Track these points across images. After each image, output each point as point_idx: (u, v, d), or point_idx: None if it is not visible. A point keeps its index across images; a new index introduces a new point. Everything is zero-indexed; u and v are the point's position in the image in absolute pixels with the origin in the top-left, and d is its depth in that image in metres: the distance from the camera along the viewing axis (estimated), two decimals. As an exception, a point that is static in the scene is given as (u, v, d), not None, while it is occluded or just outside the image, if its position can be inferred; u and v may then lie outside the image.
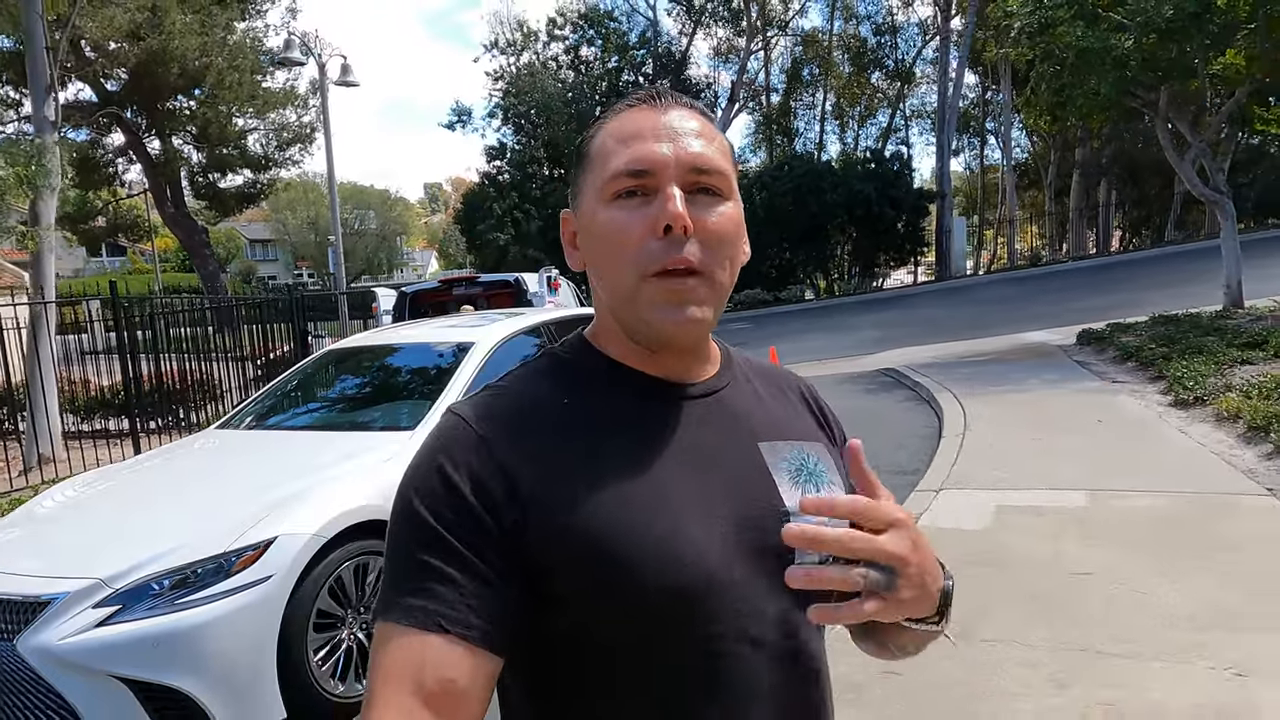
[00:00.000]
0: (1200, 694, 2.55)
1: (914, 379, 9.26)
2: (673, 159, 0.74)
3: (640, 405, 0.79)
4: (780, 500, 0.78)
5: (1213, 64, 10.07)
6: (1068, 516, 4.29)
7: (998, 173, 32.66)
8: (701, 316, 0.75)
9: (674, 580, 0.70)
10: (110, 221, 29.25)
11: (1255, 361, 7.12)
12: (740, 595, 0.73)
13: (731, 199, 0.78)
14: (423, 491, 0.72)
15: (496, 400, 0.78)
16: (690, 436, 0.78)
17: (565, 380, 0.80)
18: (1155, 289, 14.67)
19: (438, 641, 0.66)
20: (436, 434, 0.76)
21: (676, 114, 0.78)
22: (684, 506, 0.73)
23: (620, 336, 0.81)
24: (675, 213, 0.72)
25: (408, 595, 0.68)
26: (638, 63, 26.81)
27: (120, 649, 2.67)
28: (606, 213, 0.76)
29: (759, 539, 0.75)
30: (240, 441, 4.15)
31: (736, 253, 0.79)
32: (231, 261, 50.89)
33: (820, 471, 0.82)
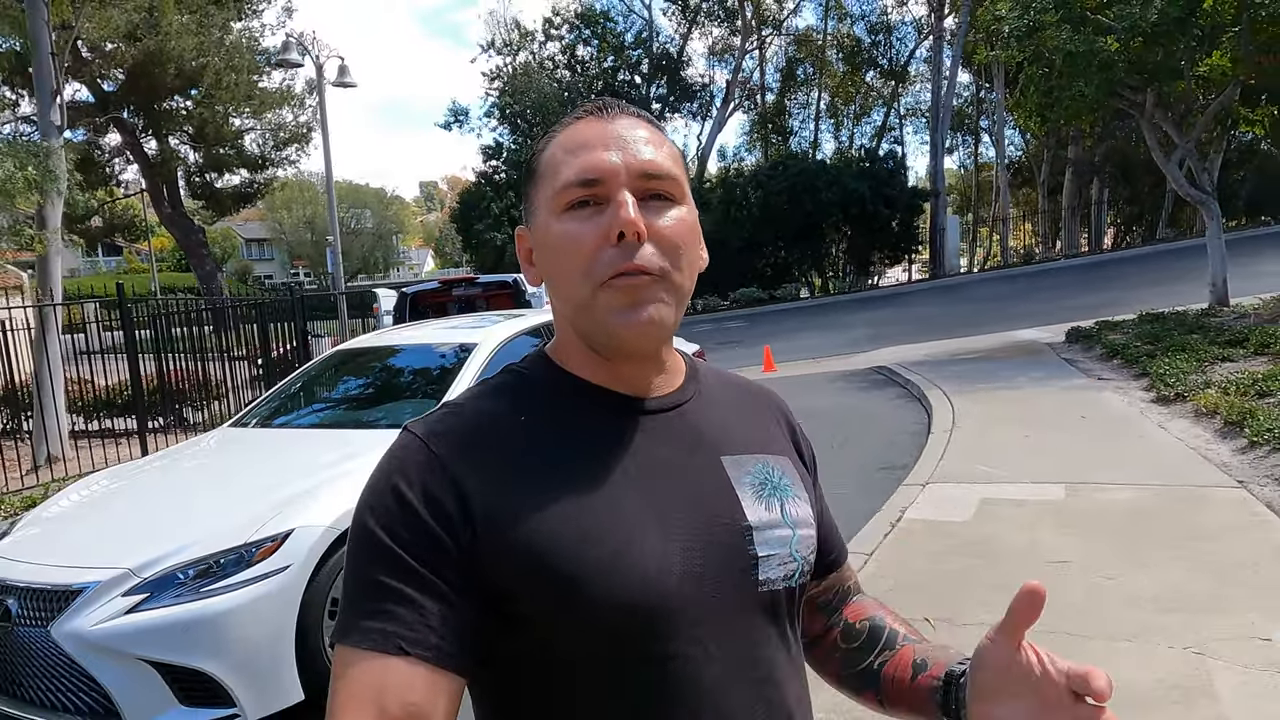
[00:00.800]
0: (1162, 673, 2.73)
1: (905, 377, 9.44)
2: (623, 166, 0.74)
3: (598, 420, 0.78)
4: (743, 515, 0.77)
5: (1199, 66, 10.26)
6: (1048, 508, 4.47)
7: (992, 171, 32.85)
8: (659, 316, 0.74)
9: (626, 597, 0.69)
10: (107, 221, 29.27)
11: (1235, 359, 7.31)
12: (698, 612, 0.72)
13: (684, 204, 0.78)
14: (378, 511, 0.70)
15: (452, 418, 0.77)
16: (650, 452, 0.77)
17: (523, 397, 0.79)
18: (1146, 287, 14.87)
19: (399, 664, 0.65)
20: (391, 454, 0.74)
21: (624, 122, 0.78)
22: (639, 523, 0.72)
23: (580, 350, 0.80)
24: (628, 219, 0.72)
25: (366, 618, 0.67)
26: (633, 62, 26.97)
27: (148, 634, 2.83)
28: (560, 224, 0.75)
29: (722, 555, 0.75)
30: (254, 439, 4.31)
31: (694, 257, 0.78)
32: (227, 261, 50.88)
33: (785, 485, 0.82)
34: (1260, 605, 3.12)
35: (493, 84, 26.55)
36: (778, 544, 0.78)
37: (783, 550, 0.78)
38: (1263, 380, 6.03)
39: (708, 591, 0.73)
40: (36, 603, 2.94)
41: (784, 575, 0.78)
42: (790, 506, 0.81)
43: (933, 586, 3.62)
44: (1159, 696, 2.60)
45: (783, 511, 0.80)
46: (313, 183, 46.40)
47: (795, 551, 0.79)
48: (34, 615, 2.93)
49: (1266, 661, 2.73)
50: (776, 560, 0.77)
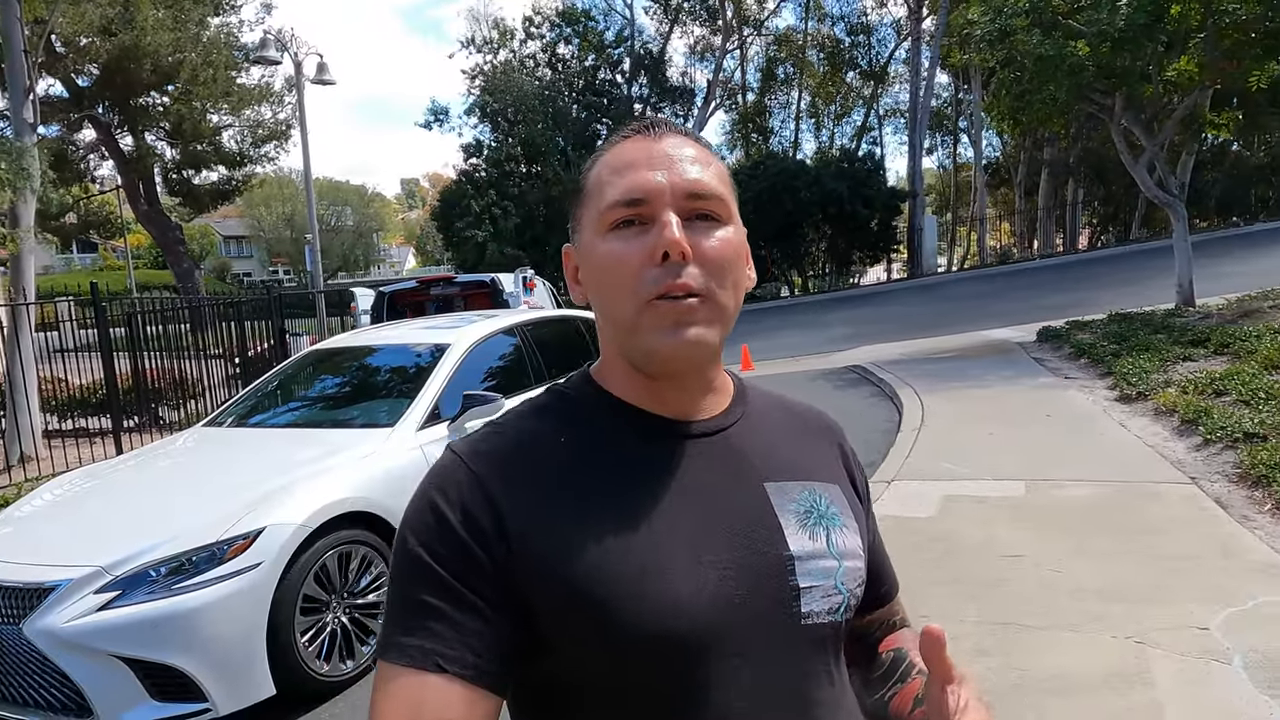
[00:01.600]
0: (1102, 661, 2.85)
1: (879, 375, 9.58)
2: (668, 186, 0.74)
3: (639, 444, 0.77)
4: (785, 544, 0.75)
5: (1166, 70, 10.48)
6: (1007, 504, 4.60)
7: (970, 171, 33.23)
8: (703, 338, 0.73)
9: (655, 622, 0.68)
10: (82, 218, 28.97)
11: (1196, 359, 7.49)
12: (736, 642, 0.71)
13: (731, 223, 0.78)
14: (417, 528, 0.71)
15: (494, 438, 0.77)
16: (690, 477, 0.76)
17: (565, 417, 0.79)
18: (1118, 286, 15.12)
19: (437, 681, 0.66)
20: (432, 473, 0.75)
21: (671, 141, 0.78)
22: (674, 551, 0.71)
23: (624, 371, 0.79)
24: (672, 239, 0.72)
25: (405, 634, 0.68)
26: (614, 61, 27.01)
27: (120, 630, 2.88)
28: (605, 244, 0.76)
29: (760, 585, 0.73)
30: (227, 438, 4.35)
31: (739, 276, 0.78)
32: (205, 258, 50.39)
33: (833, 514, 0.80)
34: (1200, 596, 3.25)
35: (473, 82, 26.53)
36: (821, 575, 0.76)
37: (827, 582, 0.76)
38: (1219, 379, 6.20)
39: (745, 620, 0.71)
40: (9, 600, 2.98)
41: (829, 608, 0.76)
42: (836, 536, 0.79)
43: (891, 580, 3.73)
44: (1099, 684, 2.71)
45: (828, 541, 0.78)
46: (292, 179, 46.06)
47: (841, 584, 0.77)
48: (6, 613, 2.97)
49: (1202, 649, 2.86)
50: (820, 592, 0.76)
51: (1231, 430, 5.09)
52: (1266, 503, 4.16)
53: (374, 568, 3.58)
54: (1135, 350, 8.02)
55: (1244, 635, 2.92)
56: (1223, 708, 2.53)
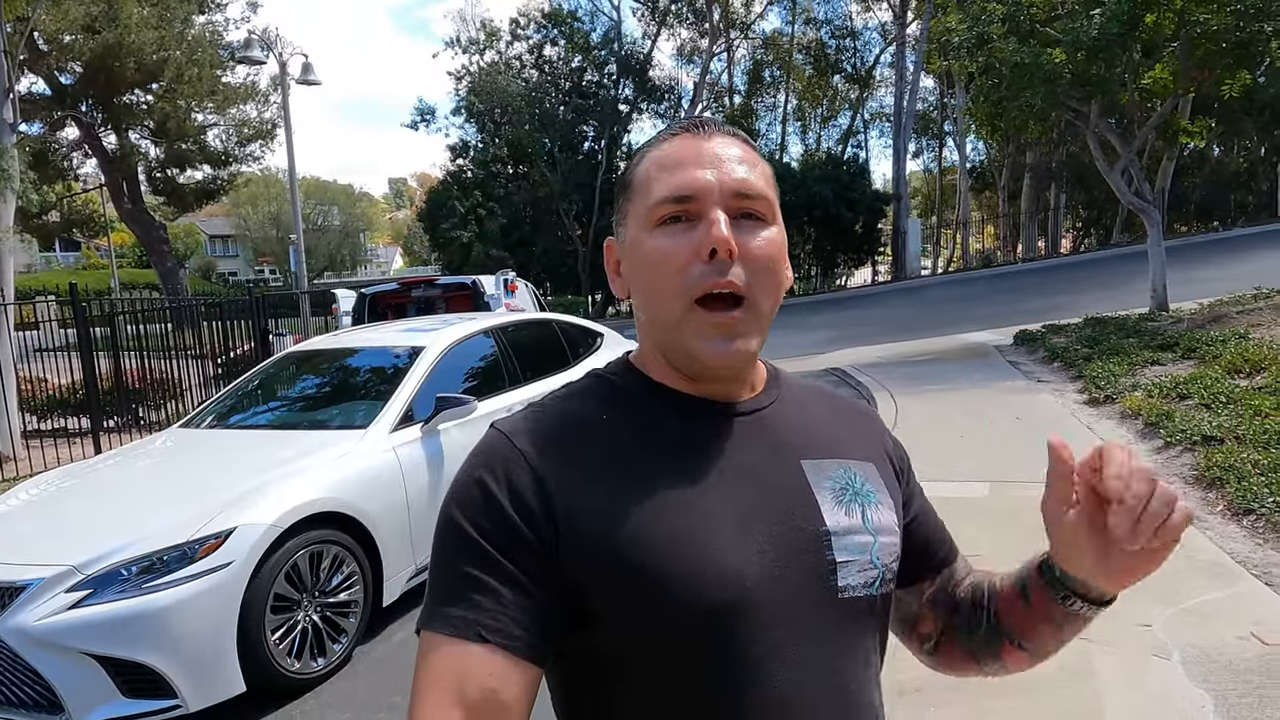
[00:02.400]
0: (1048, 655, 2.95)
1: (858, 378, 9.71)
2: (716, 185, 0.75)
3: (680, 423, 0.79)
4: (822, 519, 0.77)
5: (1142, 78, 10.66)
6: (971, 505, 4.71)
7: (955, 174, 33.51)
8: (746, 349, 0.76)
9: (706, 599, 0.70)
10: (64, 217, 28.77)
11: (1164, 363, 7.64)
12: (777, 615, 0.73)
13: (775, 224, 0.79)
14: (463, 504, 0.73)
15: (538, 416, 0.79)
16: (731, 455, 0.78)
17: (607, 399, 0.81)
18: (1096, 290, 15.32)
19: (479, 651, 0.67)
20: (477, 450, 0.77)
21: (719, 141, 0.79)
22: (719, 525, 0.73)
23: (661, 363, 0.81)
24: (720, 237, 0.73)
25: (449, 605, 0.70)
26: (601, 62, 27.08)
27: (92, 629, 2.93)
28: (651, 239, 0.77)
29: (800, 559, 0.75)
30: (201, 440, 4.40)
31: (781, 277, 0.79)
32: (190, 257, 50.12)
33: (869, 492, 0.82)
34: (1146, 595, 3.35)
35: (460, 83, 26.53)
36: (857, 550, 0.78)
37: (862, 557, 0.78)
38: (1183, 384, 6.34)
39: (785, 594, 0.73)
40: (-19, 599, 3.03)
41: (864, 582, 0.78)
42: (872, 513, 0.80)
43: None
44: (1044, 680, 2.80)
45: (864, 517, 0.79)
46: (278, 178, 45.87)
47: (876, 558, 0.79)
48: (-22, 611, 3.02)
49: (1144, 645, 2.96)
50: (856, 566, 0.77)
51: (1191, 433, 5.22)
52: (1219, 504, 4.28)
53: (345, 567, 3.64)
54: (1106, 354, 8.17)
55: (1184, 632, 3.03)
56: (1158, 699, 2.63)
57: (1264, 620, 3.06)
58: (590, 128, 27.02)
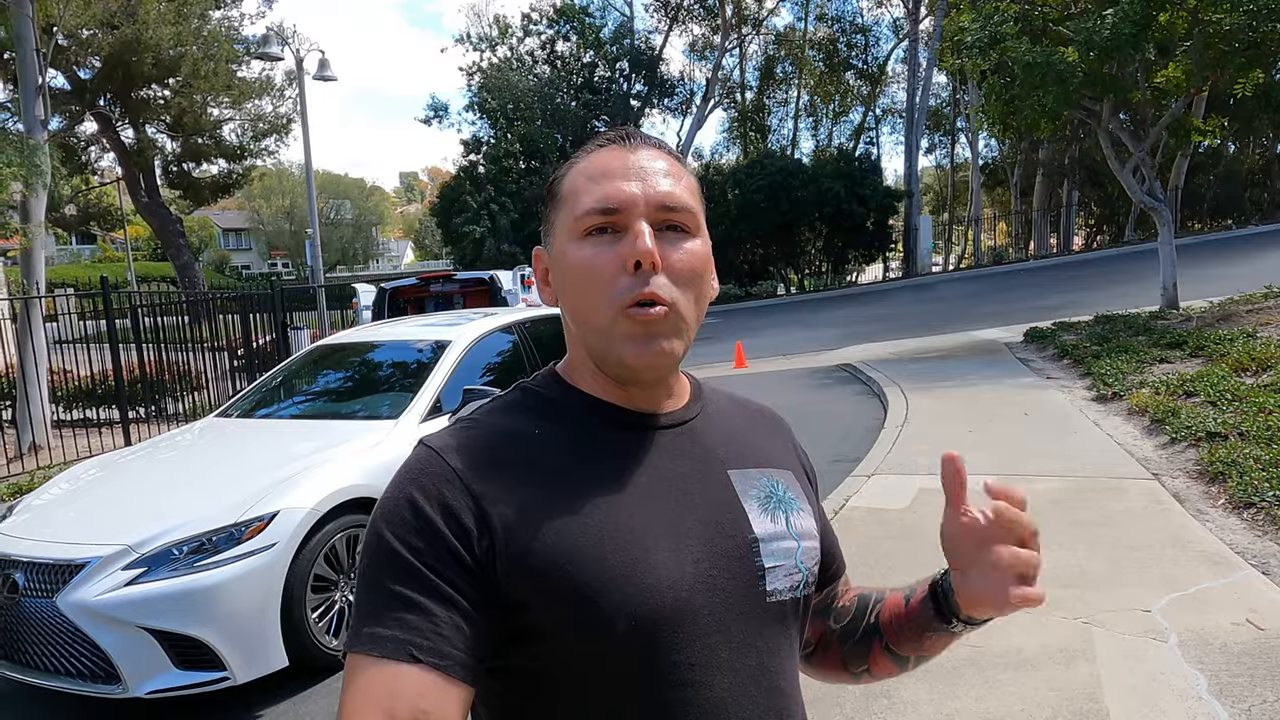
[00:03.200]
0: (1049, 639, 3.10)
1: (868, 374, 9.82)
2: (642, 197, 0.76)
3: (611, 435, 0.80)
4: (750, 527, 0.80)
5: (1154, 77, 10.72)
6: (978, 498, 4.83)
7: (968, 171, 33.48)
8: (670, 349, 0.77)
9: (641, 608, 0.71)
10: (82, 210, 29.12)
11: (1173, 360, 7.75)
12: (710, 622, 0.74)
13: (699, 236, 0.80)
14: (394, 522, 0.71)
15: (468, 432, 0.78)
16: (660, 466, 0.79)
17: (536, 412, 0.81)
18: (1108, 288, 15.37)
19: (410, 671, 0.65)
20: (407, 467, 0.75)
21: (645, 154, 0.80)
22: (652, 535, 0.74)
23: (591, 370, 0.82)
24: (645, 249, 0.74)
25: (378, 625, 0.67)
26: (612, 58, 27.17)
27: (146, 604, 3.11)
28: (578, 250, 0.78)
29: (730, 566, 0.77)
30: (239, 428, 4.58)
31: (704, 287, 0.80)
32: (205, 250, 50.55)
33: (790, 499, 0.85)
34: (1147, 582, 3.49)
35: (472, 79, 26.68)
36: (783, 555, 0.80)
37: (788, 561, 0.81)
38: (1190, 381, 6.45)
39: (719, 601, 0.75)
40: (42, 576, 3.22)
41: (790, 586, 0.80)
42: (795, 519, 0.83)
43: (862, 567, 3.97)
44: (1044, 659, 2.96)
45: (788, 524, 0.83)
46: (292, 173, 46.22)
47: (800, 562, 0.82)
48: (40, 587, 3.21)
49: (1142, 629, 3.11)
50: (783, 571, 0.80)
51: (1196, 430, 5.34)
52: (1220, 497, 4.41)
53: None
54: (1115, 352, 8.27)
55: (1182, 617, 3.17)
56: (1154, 678, 2.78)
57: (1259, 607, 3.20)
58: (602, 123, 27.13)
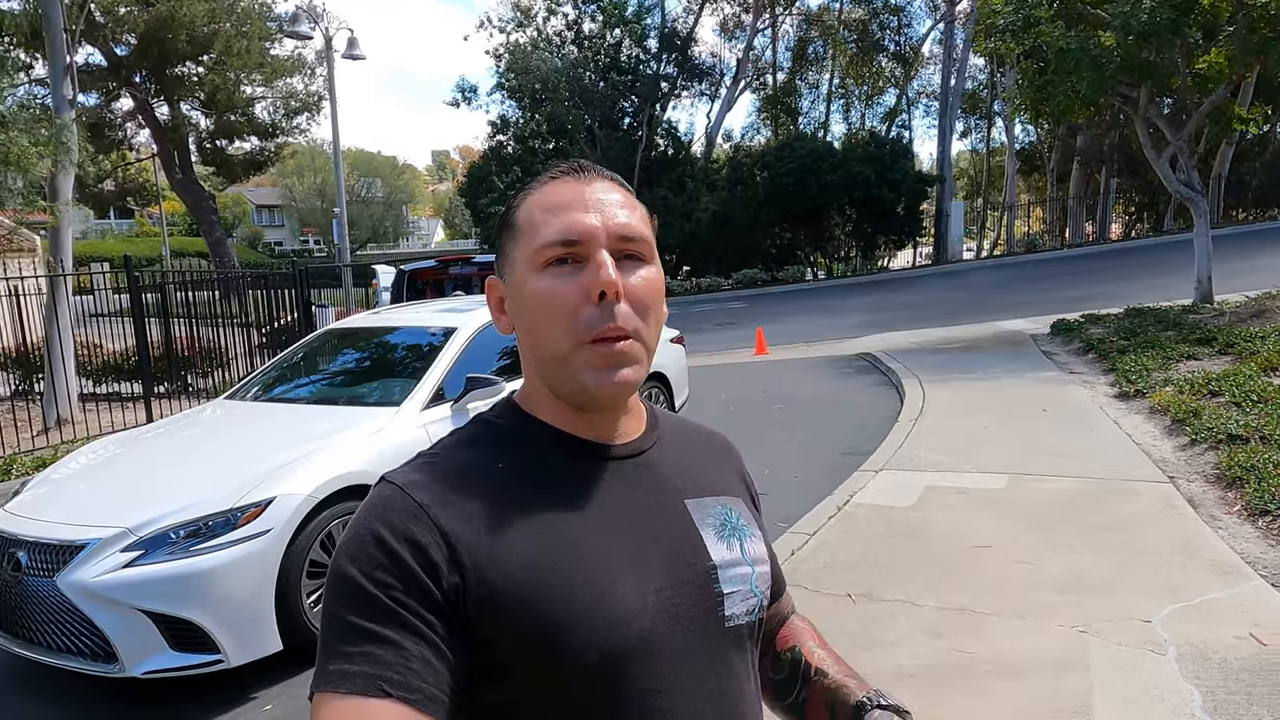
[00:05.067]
0: (1044, 646, 3.04)
1: (887, 364, 9.69)
2: (602, 229, 0.78)
3: (571, 467, 0.81)
4: (708, 555, 0.82)
5: (1196, 62, 10.36)
6: (987, 497, 4.77)
7: (1004, 156, 32.78)
8: (632, 378, 0.79)
9: (608, 641, 0.72)
10: (119, 185, 29.60)
11: (1200, 358, 7.54)
12: (673, 649, 0.76)
13: (654, 264, 0.83)
14: (360, 560, 0.70)
15: (431, 467, 0.78)
16: (620, 496, 0.81)
17: (498, 445, 0.82)
18: (1143, 279, 15.02)
19: (381, 706, 0.64)
20: (370, 504, 0.75)
21: (600, 185, 0.83)
22: (617, 567, 0.75)
23: (549, 398, 0.83)
24: (609, 279, 0.76)
25: (346, 661, 0.66)
26: (639, 35, 26.83)
27: (143, 586, 3.17)
28: (539, 281, 0.79)
29: (691, 594, 0.79)
30: (245, 411, 4.63)
31: (660, 312, 0.83)
32: (238, 226, 51.23)
33: (743, 526, 0.88)
34: (1151, 591, 3.41)
35: (499, 61, 26.58)
36: (740, 581, 0.83)
37: (744, 587, 0.83)
38: (1215, 380, 6.27)
39: (681, 628, 0.77)
40: (44, 556, 3.29)
41: (746, 610, 0.83)
42: (748, 545, 0.86)
43: (861, 566, 3.93)
44: (1036, 667, 2.90)
45: (742, 550, 0.85)
46: (324, 150, 46.50)
47: (755, 587, 0.85)
48: (41, 567, 3.28)
49: (1141, 640, 3.03)
50: (739, 596, 0.82)
51: (1217, 432, 5.19)
52: (1236, 504, 4.29)
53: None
54: (1141, 347, 8.07)
55: (1183, 629, 3.09)
56: (1147, 692, 2.71)
57: (1265, 621, 3.10)
58: (629, 104, 26.92)
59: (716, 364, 11.34)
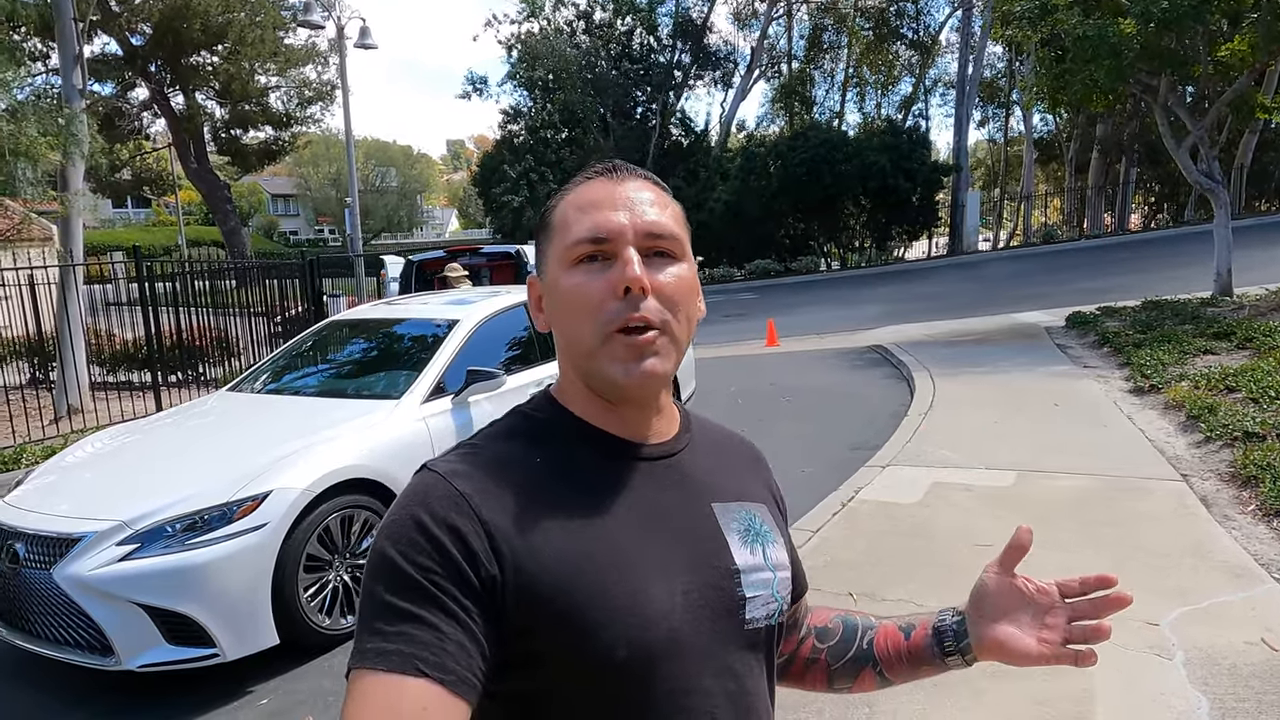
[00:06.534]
0: (1048, 650, 2.97)
1: (899, 357, 9.59)
2: (630, 226, 0.80)
3: (604, 466, 0.83)
4: (732, 559, 0.84)
5: (1218, 51, 10.14)
6: (993, 494, 4.69)
7: (1022, 145, 32.37)
8: (659, 369, 0.80)
9: (639, 638, 0.74)
10: (135, 174, 29.78)
11: (1218, 352, 7.40)
12: (699, 651, 0.78)
13: (685, 261, 0.84)
14: (401, 543, 0.72)
15: (471, 458, 0.80)
16: (650, 496, 0.82)
17: (534, 439, 0.84)
18: (1162, 270, 14.78)
19: (415, 684, 0.66)
20: (413, 491, 0.77)
21: (632, 185, 0.84)
22: (648, 566, 0.77)
23: (583, 393, 0.85)
24: (634, 275, 0.78)
25: (384, 640, 0.68)
26: (652, 24, 26.62)
27: (139, 580, 3.16)
28: (569, 277, 0.81)
29: (715, 596, 0.81)
30: (245, 404, 4.63)
31: (692, 311, 0.84)
32: (254, 216, 51.47)
33: (766, 532, 0.89)
34: (1160, 592, 3.34)
35: (510, 52, 26.46)
36: (761, 586, 0.85)
37: (765, 592, 0.85)
38: (1232, 375, 6.15)
39: (704, 629, 0.79)
40: (41, 548, 3.29)
41: (766, 614, 0.85)
42: (771, 551, 0.88)
43: (864, 565, 3.87)
44: (1036, 670, 2.83)
45: (765, 556, 0.87)
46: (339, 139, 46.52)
47: (776, 592, 0.87)
48: (39, 559, 3.28)
49: (1146, 643, 2.96)
50: (761, 601, 0.84)
51: (1233, 429, 5.09)
52: (1251, 503, 4.20)
53: (374, 531, 3.82)
54: (1157, 341, 7.93)
55: (1192, 633, 3.02)
56: (1153, 699, 2.65)
57: (1277, 626, 3.03)
58: (642, 93, 26.74)
59: (727, 356, 11.27)
